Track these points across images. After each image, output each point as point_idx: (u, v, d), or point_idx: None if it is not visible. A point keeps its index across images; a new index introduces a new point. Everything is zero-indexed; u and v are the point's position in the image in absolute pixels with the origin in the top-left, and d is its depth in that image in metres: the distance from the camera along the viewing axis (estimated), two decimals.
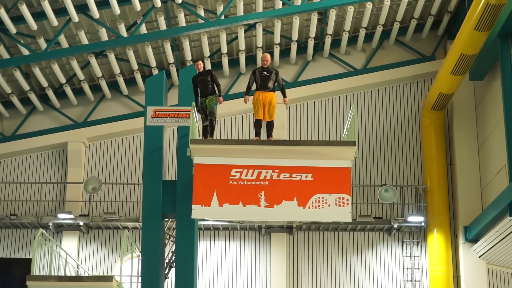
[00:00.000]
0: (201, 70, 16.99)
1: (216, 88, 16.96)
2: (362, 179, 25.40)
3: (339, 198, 15.78)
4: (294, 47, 25.78)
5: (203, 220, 22.57)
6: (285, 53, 26.32)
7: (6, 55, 22.72)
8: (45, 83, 24.89)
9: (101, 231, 25.05)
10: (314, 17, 24.49)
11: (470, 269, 23.66)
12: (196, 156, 15.90)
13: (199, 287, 24.26)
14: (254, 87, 16.86)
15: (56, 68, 24.18)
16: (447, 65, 22.80)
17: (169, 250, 19.18)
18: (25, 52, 22.45)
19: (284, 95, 16.80)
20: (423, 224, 24.33)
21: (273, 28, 24.80)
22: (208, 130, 16.81)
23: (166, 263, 18.85)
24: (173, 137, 24.02)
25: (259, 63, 25.21)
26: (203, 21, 22.57)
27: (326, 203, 15.78)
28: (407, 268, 24.60)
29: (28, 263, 21.90)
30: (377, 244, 24.95)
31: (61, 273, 22.94)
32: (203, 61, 18.36)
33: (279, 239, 24.78)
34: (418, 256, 24.68)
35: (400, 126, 26.00)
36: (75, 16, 21.81)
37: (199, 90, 16.97)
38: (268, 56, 16.81)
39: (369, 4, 24.24)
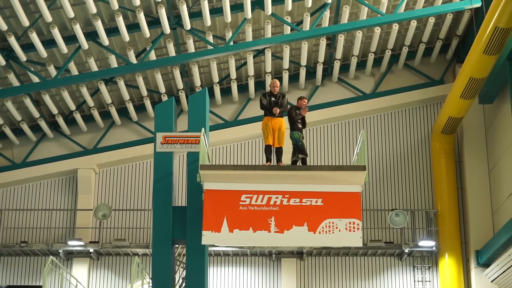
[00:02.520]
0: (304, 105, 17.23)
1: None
2: (373, 203, 25.32)
3: (350, 223, 15.73)
4: (303, 72, 25.83)
5: (213, 246, 22.50)
6: (294, 78, 26.37)
7: (16, 83, 22.83)
8: (55, 110, 24.98)
9: (111, 257, 25.01)
10: (323, 42, 24.56)
11: None
12: (206, 182, 15.88)
13: None
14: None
15: (66, 95, 24.28)
16: (456, 89, 22.78)
17: (180, 277, 19.10)
18: (35, 79, 22.55)
19: (280, 113, 16.71)
20: (434, 248, 24.20)
21: (281, 54, 24.86)
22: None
23: None
24: (183, 163, 24.03)
25: (267, 88, 25.27)
26: (212, 47, 22.64)
27: (336, 228, 15.73)
28: None
29: None
30: (388, 269, 24.82)
31: None
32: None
33: (289, 264, 24.68)
34: (429, 281, 24.54)
35: (410, 150, 25.95)
36: (84, 44, 21.93)
37: (295, 122, 17.05)
38: (277, 82, 16.81)
39: (377, 29, 24.31)
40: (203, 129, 16.49)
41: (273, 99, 16.67)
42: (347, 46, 25.57)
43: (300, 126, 17.01)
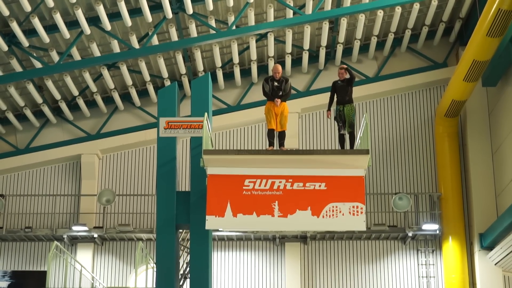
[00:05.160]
0: (343, 77, 16.83)
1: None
2: (376, 187, 25.33)
3: (353, 207, 15.73)
4: (305, 56, 25.78)
5: (217, 230, 22.55)
6: (296, 62, 26.32)
7: (19, 68, 22.82)
8: (58, 96, 24.97)
9: (115, 243, 25.07)
10: (326, 26, 24.50)
11: (486, 276, 23.53)
12: (209, 167, 15.88)
13: None
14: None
15: (68, 80, 24.27)
16: (460, 72, 22.73)
17: (184, 261, 19.14)
18: (38, 65, 22.54)
19: (283, 100, 16.64)
20: (438, 232, 24.21)
21: (284, 38, 24.81)
22: (345, 138, 16.71)
23: (181, 274, 18.80)
24: (186, 148, 24.03)
25: (271, 72, 25.20)
26: (214, 32, 22.60)
27: (340, 212, 15.73)
28: (422, 277, 24.49)
29: (43, 276, 22.02)
30: (392, 252, 24.86)
31: (76, 286, 22.97)
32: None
33: (293, 248, 24.73)
34: (433, 264, 24.57)
35: (413, 133, 25.93)
36: (87, 29, 21.89)
37: (336, 96, 16.91)
38: (279, 67, 16.76)
39: (380, 12, 24.23)
40: (206, 114, 16.47)
41: (275, 84, 16.63)
42: (349, 29, 25.50)
43: (340, 98, 16.81)
